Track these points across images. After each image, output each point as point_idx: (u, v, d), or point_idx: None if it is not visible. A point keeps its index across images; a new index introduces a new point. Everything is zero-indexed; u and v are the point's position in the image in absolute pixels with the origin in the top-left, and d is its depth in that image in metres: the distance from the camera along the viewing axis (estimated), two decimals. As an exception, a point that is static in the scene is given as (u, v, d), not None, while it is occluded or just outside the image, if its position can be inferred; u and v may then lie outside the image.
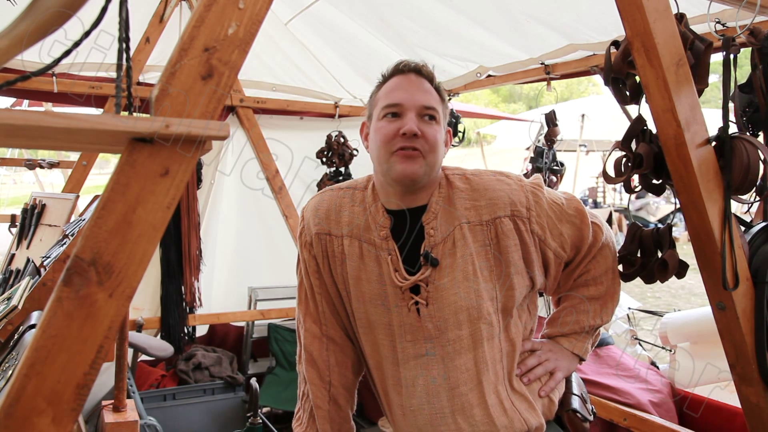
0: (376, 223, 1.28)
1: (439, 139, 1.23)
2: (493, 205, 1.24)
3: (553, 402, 1.36)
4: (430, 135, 1.21)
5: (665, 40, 1.27)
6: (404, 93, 1.23)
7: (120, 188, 0.65)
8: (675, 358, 2.32)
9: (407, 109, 1.21)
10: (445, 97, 1.30)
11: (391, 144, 1.21)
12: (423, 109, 1.22)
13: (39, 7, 0.64)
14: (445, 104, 1.30)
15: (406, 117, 1.21)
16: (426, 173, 1.22)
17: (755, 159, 1.32)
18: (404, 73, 1.26)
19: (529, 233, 1.26)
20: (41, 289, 1.93)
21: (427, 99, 1.23)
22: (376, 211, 1.28)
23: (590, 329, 1.41)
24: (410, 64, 1.27)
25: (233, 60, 0.70)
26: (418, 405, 1.27)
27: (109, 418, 1.37)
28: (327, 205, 1.34)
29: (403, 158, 1.19)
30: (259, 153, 3.29)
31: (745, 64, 1.57)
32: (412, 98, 1.22)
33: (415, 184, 1.23)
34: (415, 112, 1.21)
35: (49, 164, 4.02)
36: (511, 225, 1.24)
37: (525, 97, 28.34)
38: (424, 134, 1.20)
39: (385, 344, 1.29)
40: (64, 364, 0.63)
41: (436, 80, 1.28)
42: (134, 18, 0.73)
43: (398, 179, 1.22)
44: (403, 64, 1.27)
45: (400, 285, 1.24)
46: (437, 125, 1.24)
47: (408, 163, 1.19)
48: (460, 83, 3.04)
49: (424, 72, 1.27)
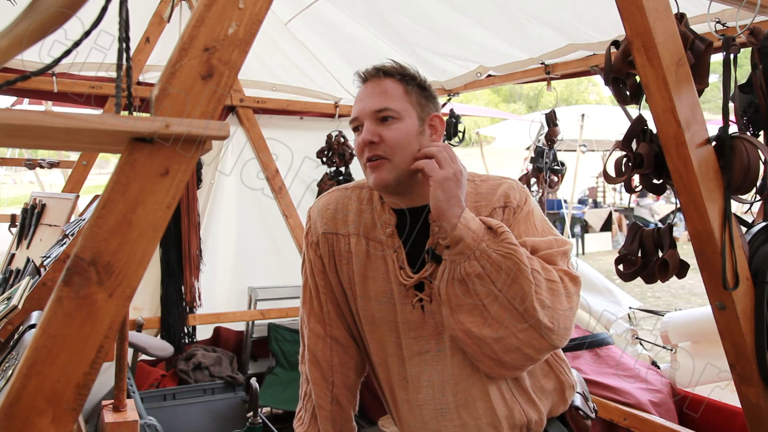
0: (382, 221, 1.29)
1: (402, 137, 1.21)
2: (491, 202, 1.25)
3: (564, 401, 1.36)
4: (388, 137, 1.20)
5: (665, 39, 1.27)
6: (359, 104, 1.25)
7: (120, 188, 0.65)
8: (676, 357, 2.32)
9: (363, 119, 1.23)
10: (419, 85, 1.27)
11: (362, 157, 1.24)
12: (375, 114, 1.22)
13: (39, 7, 0.64)
14: (417, 93, 1.26)
15: (364, 128, 1.23)
16: (399, 175, 1.21)
17: (755, 159, 1.32)
18: (365, 82, 1.27)
19: (513, 224, 1.23)
20: (41, 289, 1.93)
21: (379, 102, 1.22)
22: (382, 210, 1.29)
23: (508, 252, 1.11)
24: (366, 71, 1.27)
25: (233, 60, 0.70)
26: (424, 399, 1.28)
27: (109, 418, 1.37)
28: (334, 205, 1.35)
29: (371, 169, 1.21)
30: (259, 153, 3.29)
31: (745, 64, 1.57)
32: (365, 108, 1.23)
33: (392, 189, 1.24)
34: (370, 120, 1.22)
35: (49, 164, 4.02)
36: (501, 215, 1.24)
37: (525, 97, 28.35)
38: (382, 138, 1.20)
39: (390, 341, 1.30)
40: (64, 364, 0.63)
41: (401, 71, 1.25)
42: (134, 18, 0.73)
43: (375, 188, 1.25)
44: (361, 73, 1.28)
45: (405, 282, 1.25)
46: (398, 122, 1.21)
47: (376, 173, 1.21)
48: (460, 83, 3.03)
49: (385, 71, 1.25)
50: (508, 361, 1.15)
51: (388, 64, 1.27)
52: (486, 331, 1.12)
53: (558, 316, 1.13)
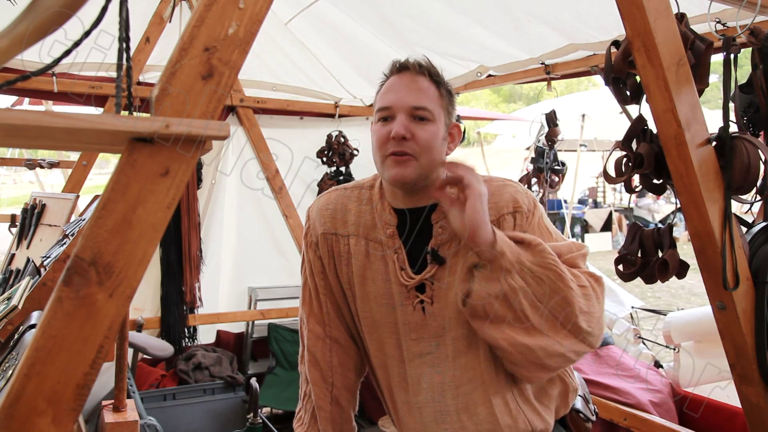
0: (383, 221, 1.27)
1: (433, 139, 1.20)
2: (499, 206, 1.23)
3: (566, 404, 1.36)
4: (420, 136, 1.18)
5: (666, 39, 1.27)
6: (394, 95, 1.21)
7: (120, 188, 0.65)
8: (679, 357, 2.31)
9: (397, 111, 1.20)
10: (448, 91, 1.26)
11: (384, 148, 1.20)
12: (413, 110, 1.19)
13: (39, 7, 0.64)
14: (447, 99, 1.26)
15: (396, 120, 1.19)
16: (421, 176, 1.20)
17: (756, 159, 1.32)
18: (400, 72, 1.24)
19: (521, 229, 1.23)
20: (41, 289, 1.93)
21: (418, 99, 1.20)
22: (383, 210, 1.28)
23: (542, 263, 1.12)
24: (405, 61, 1.24)
25: (233, 60, 0.70)
26: (424, 401, 1.27)
27: (109, 418, 1.37)
28: (333, 205, 1.34)
29: (395, 163, 1.18)
30: (259, 153, 3.30)
31: (746, 64, 1.57)
32: (401, 100, 1.20)
33: (410, 187, 1.22)
34: (405, 114, 1.19)
35: (49, 164, 4.02)
36: (512, 221, 1.23)
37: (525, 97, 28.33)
38: (414, 136, 1.18)
39: (390, 343, 1.29)
40: (64, 364, 0.63)
41: (435, 74, 1.25)
42: (134, 18, 0.73)
43: (392, 183, 1.22)
44: (398, 63, 1.25)
45: (405, 283, 1.24)
46: (431, 124, 1.20)
47: (399, 168, 1.18)
48: (460, 83, 3.03)
49: (422, 68, 1.23)
50: (550, 365, 1.16)
51: (426, 62, 1.25)
52: (531, 340, 1.13)
53: (594, 320, 1.15)
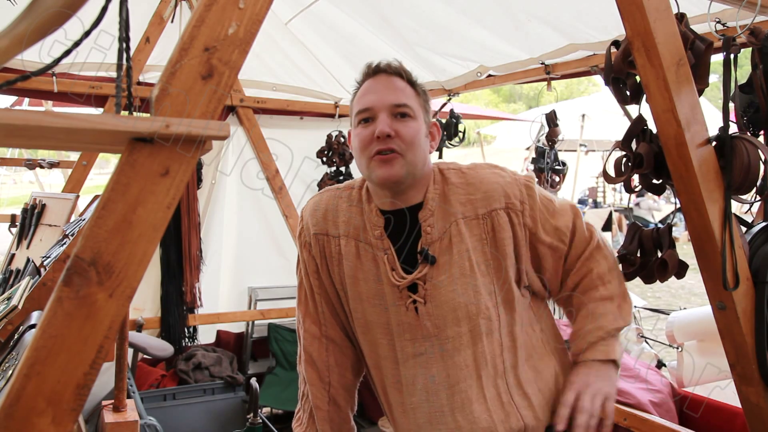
0: (371, 223, 1.27)
1: (416, 135, 1.21)
2: (489, 198, 1.24)
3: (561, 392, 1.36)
4: (405, 133, 1.19)
5: (666, 39, 1.27)
6: (374, 95, 1.22)
7: (120, 188, 0.65)
8: (682, 356, 2.31)
9: (378, 111, 1.20)
10: (423, 90, 1.28)
11: (368, 149, 1.20)
12: (394, 108, 1.20)
13: (39, 7, 0.64)
14: (422, 97, 1.27)
15: (378, 119, 1.20)
16: (409, 172, 1.20)
17: (756, 159, 1.32)
18: (373, 76, 1.25)
19: (521, 227, 1.25)
20: (41, 289, 1.93)
21: (398, 97, 1.21)
22: (370, 212, 1.28)
23: (614, 332, 1.31)
24: (377, 64, 1.26)
25: (233, 60, 0.70)
26: (418, 402, 1.27)
27: (109, 418, 1.37)
28: (325, 205, 1.34)
29: (381, 162, 1.18)
30: (259, 153, 3.30)
31: (746, 64, 1.57)
32: (381, 99, 1.20)
33: (399, 186, 1.22)
34: (386, 113, 1.20)
35: (49, 164, 4.02)
36: (506, 218, 1.24)
37: (525, 97, 28.36)
38: (398, 133, 1.19)
39: (383, 344, 1.29)
40: (64, 364, 0.63)
41: (408, 74, 1.26)
42: (134, 18, 0.73)
43: (381, 184, 1.21)
44: (372, 67, 1.26)
45: (397, 284, 1.24)
46: (413, 121, 1.21)
47: (387, 167, 1.18)
48: (460, 83, 3.03)
49: (394, 69, 1.24)
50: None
51: (398, 64, 1.26)
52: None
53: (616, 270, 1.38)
